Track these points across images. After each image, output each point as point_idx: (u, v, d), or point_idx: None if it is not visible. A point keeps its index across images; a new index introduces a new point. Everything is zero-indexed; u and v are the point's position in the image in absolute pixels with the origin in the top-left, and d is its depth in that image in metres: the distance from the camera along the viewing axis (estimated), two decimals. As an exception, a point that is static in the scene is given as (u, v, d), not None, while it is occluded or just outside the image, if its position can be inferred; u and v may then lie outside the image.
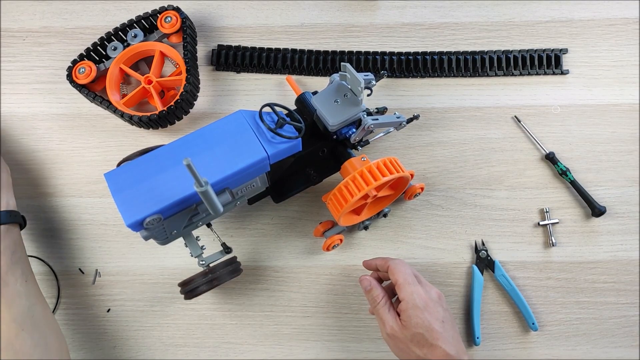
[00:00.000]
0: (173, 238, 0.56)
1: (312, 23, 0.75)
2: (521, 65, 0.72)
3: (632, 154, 0.70)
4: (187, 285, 0.58)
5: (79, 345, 0.66)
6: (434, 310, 0.53)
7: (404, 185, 0.62)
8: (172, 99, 0.69)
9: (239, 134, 0.52)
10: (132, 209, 0.48)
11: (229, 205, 0.57)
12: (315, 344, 0.66)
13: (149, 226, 0.48)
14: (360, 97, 0.57)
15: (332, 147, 0.62)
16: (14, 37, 0.75)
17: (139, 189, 0.49)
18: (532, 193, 0.68)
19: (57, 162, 0.70)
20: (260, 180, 0.57)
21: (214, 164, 0.51)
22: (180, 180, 0.49)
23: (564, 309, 0.66)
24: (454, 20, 0.75)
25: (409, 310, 0.53)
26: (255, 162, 0.51)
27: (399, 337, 0.53)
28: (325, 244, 0.63)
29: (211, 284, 0.57)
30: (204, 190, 0.45)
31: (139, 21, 0.71)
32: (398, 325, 0.53)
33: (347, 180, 0.55)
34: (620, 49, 0.73)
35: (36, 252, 0.68)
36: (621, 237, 0.68)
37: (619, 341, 0.65)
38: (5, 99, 0.73)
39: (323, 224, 0.64)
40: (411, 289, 0.53)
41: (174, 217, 0.51)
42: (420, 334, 0.52)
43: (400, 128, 0.62)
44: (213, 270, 0.58)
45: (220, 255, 0.60)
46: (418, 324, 0.52)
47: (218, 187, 0.51)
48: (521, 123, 0.69)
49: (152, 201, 0.48)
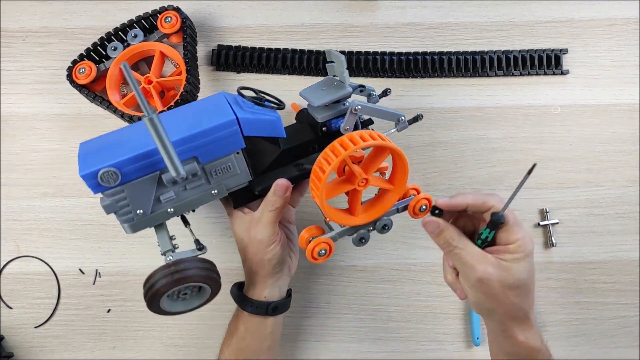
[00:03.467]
0: (142, 224, 0.50)
1: (312, 23, 0.75)
2: (521, 66, 0.72)
3: (632, 154, 0.70)
4: (147, 282, 0.49)
5: (79, 345, 0.66)
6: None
7: (402, 176, 0.53)
8: (172, 99, 0.69)
9: (214, 106, 0.51)
10: (89, 161, 0.47)
11: (202, 192, 0.52)
12: (316, 344, 0.66)
13: (105, 183, 0.46)
14: (346, 83, 0.54)
15: (324, 142, 0.56)
16: (14, 37, 0.75)
17: (102, 149, 0.49)
18: (532, 193, 0.68)
19: (57, 162, 0.70)
20: (238, 163, 0.52)
21: (180, 125, 0.49)
22: (141, 137, 0.47)
23: (564, 309, 0.66)
24: (454, 20, 0.75)
25: (522, 259, 0.45)
26: (222, 124, 0.48)
27: (494, 282, 0.45)
28: (309, 249, 0.51)
29: (172, 277, 0.47)
30: (150, 119, 0.42)
31: (139, 21, 0.71)
32: (499, 268, 0.45)
33: (320, 157, 0.49)
34: (620, 49, 0.73)
35: (36, 252, 0.68)
36: (621, 237, 0.67)
37: (619, 341, 0.65)
38: (5, 99, 0.73)
39: (308, 229, 0.53)
40: (524, 233, 0.46)
41: (136, 185, 0.48)
42: (524, 283, 0.46)
43: (401, 128, 0.57)
44: (177, 263, 0.48)
45: (192, 253, 0.52)
46: (525, 272, 0.45)
47: (184, 150, 0.48)
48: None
49: (110, 155, 0.47)
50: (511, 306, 0.47)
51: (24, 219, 0.69)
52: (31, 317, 0.68)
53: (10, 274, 0.68)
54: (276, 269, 0.56)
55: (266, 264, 0.55)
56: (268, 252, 0.54)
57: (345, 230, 0.54)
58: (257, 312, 0.56)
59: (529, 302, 0.47)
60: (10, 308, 0.68)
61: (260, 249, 0.54)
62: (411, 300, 0.67)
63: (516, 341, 0.48)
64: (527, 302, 0.47)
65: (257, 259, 0.55)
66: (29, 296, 0.68)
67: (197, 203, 0.52)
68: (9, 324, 0.68)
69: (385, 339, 0.67)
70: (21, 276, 0.68)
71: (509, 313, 0.47)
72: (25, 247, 0.69)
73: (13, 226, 0.69)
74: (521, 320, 0.48)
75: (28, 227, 0.69)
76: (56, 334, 0.67)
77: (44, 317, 0.68)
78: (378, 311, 0.67)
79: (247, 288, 0.57)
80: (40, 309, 0.68)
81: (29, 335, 0.67)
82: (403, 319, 0.67)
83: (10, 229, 0.69)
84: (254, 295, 0.56)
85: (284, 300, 0.58)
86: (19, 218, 0.69)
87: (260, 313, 0.56)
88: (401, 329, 0.67)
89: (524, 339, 0.48)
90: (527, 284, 0.46)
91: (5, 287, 0.68)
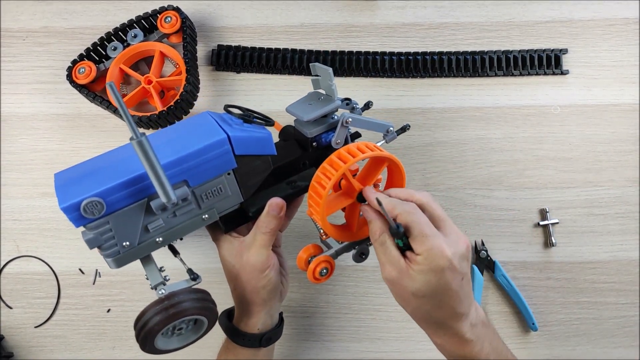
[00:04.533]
0: (128, 256, 0.46)
1: (312, 23, 0.75)
2: (521, 66, 0.72)
3: (632, 154, 0.70)
4: (139, 320, 0.45)
5: (79, 345, 0.66)
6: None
7: (400, 186, 0.53)
8: (172, 99, 0.69)
9: (201, 125, 0.48)
10: (70, 192, 0.42)
11: (192, 217, 0.48)
12: (315, 344, 0.66)
13: (89, 215, 0.42)
14: (334, 96, 0.52)
15: (314, 158, 0.55)
16: (14, 37, 0.75)
17: (82, 177, 0.45)
18: (532, 193, 0.68)
19: (57, 162, 0.70)
20: (229, 185, 0.49)
21: (169, 147, 0.45)
22: (126, 162, 0.44)
23: (564, 309, 0.66)
24: (454, 20, 0.75)
25: (427, 272, 0.43)
26: (213, 143, 0.45)
27: (397, 285, 0.45)
28: (310, 270, 0.50)
29: (166, 312, 0.44)
30: (139, 142, 0.39)
31: (139, 21, 0.71)
32: (403, 274, 0.44)
33: (318, 172, 0.48)
34: (620, 49, 0.73)
35: (36, 252, 0.68)
36: (621, 237, 0.68)
37: (619, 341, 0.65)
38: (5, 99, 0.73)
39: (306, 249, 0.52)
40: (431, 246, 0.43)
41: (123, 214, 0.44)
42: (430, 295, 0.44)
43: (390, 139, 0.56)
44: (170, 297, 0.45)
45: (186, 284, 0.49)
46: (428, 285, 0.43)
47: (173, 174, 0.45)
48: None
49: (92, 183, 0.43)
50: (418, 310, 0.46)
51: (23, 219, 0.69)
52: (31, 317, 0.68)
53: (10, 273, 0.68)
54: (270, 295, 0.52)
55: (260, 291, 0.51)
56: (262, 279, 0.51)
57: (344, 246, 0.53)
58: (250, 344, 0.53)
59: (442, 313, 0.45)
60: (10, 308, 0.68)
61: (254, 276, 0.51)
62: (411, 300, 0.67)
63: (432, 339, 0.48)
64: (439, 312, 0.45)
65: (251, 287, 0.51)
66: (29, 296, 0.68)
67: (188, 230, 0.49)
68: (9, 324, 0.68)
69: (385, 339, 0.67)
70: (21, 276, 0.68)
71: (417, 315, 0.47)
72: (25, 247, 0.69)
73: (13, 226, 0.69)
74: (438, 326, 0.46)
75: (28, 227, 0.69)
76: (56, 334, 0.67)
77: (44, 317, 0.68)
78: (378, 311, 0.67)
79: (239, 319, 0.54)
80: (40, 308, 0.68)
81: (28, 335, 0.67)
82: (403, 319, 0.67)
83: (10, 229, 0.69)
84: (247, 327, 0.53)
85: (277, 329, 0.55)
86: (18, 218, 0.69)
87: (254, 346, 0.53)
88: (401, 329, 0.67)
89: (440, 341, 0.47)
90: (434, 296, 0.43)
91: (5, 287, 0.68)
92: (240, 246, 0.52)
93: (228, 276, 0.54)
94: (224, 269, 0.53)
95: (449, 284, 0.43)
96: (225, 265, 0.53)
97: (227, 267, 0.53)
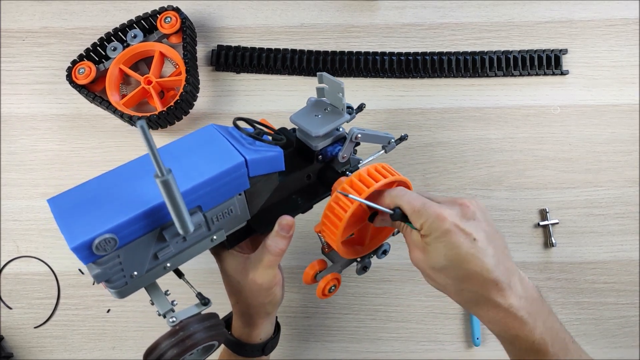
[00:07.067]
0: (134, 286, 0.44)
1: (312, 23, 0.75)
2: (521, 66, 0.72)
3: (632, 155, 0.70)
4: (152, 352, 0.43)
5: (79, 345, 0.66)
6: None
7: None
8: (172, 99, 0.69)
9: (211, 143, 0.45)
10: (78, 228, 0.38)
11: (201, 239, 0.47)
12: (315, 344, 0.66)
13: (101, 252, 0.38)
14: (342, 109, 0.51)
15: (319, 171, 0.54)
16: (14, 38, 0.75)
17: (89, 209, 0.40)
18: (532, 193, 0.68)
19: (57, 162, 0.70)
20: (239, 205, 0.47)
21: (182, 173, 0.42)
22: (140, 193, 0.41)
23: (564, 309, 0.66)
24: (454, 20, 0.75)
25: (435, 240, 0.42)
26: (232, 167, 0.43)
27: (422, 265, 0.44)
28: (319, 288, 0.51)
29: (183, 344, 0.42)
30: (164, 180, 0.35)
31: (139, 21, 0.71)
32: (423, 252, 0.43)
33: (336, 195, 0.46)
34: (620, 50, 0.73)
35: (36, 252, 0.68)
36: (621, 237, 0.67)
37: (619, 341, 0.65)
38: (5, 99, 0.73)
39: (312, 265, 0.52)
40: (428, 216, 0.42)
41: (134, 245, 0.41)
42: (449, 265, 0.42)
43: (389, 150, 0.56)
44: (185, 327, 0.43)
45: (197, 309, 0.47)
46: (440, 254, 0.42)
47: (188, 201, 0.42)
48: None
49: (102, 216, 0.39)
50: (450, 288, 0.43)
51: (23, 219, 0.69)
52: (31, 317, 0.68)
53: (10, 274, 0.68)
54: (275, 308, 0.53)
55: (267, 306, 0.51)
56: (268, 296, 0.50)
57: (349, 260, 0.53)
58: (252, 355, 0.53)
59: (472, 284, 0.41)
60: (10, 308, 0.68)
61: (260, 294, 0.50)
62: (411, 300, 0.67)
63: (482, 322, 0.44)
64: (468, 283, 0.41)
65: (256, 303, 0.51)
66: (28, 296, 0.68)
67: (196, 253, 0.47)
68: (8, 324, 0.67)
69: (385, 339, 0.67)
70: (21, 276, 0.68)
71: (453, 294, 0.44)
72: (25, 247, 0.69)
73: (13, 226, 0.69)
74: (477, 301, 0.42)
75: (28, 227, 0.69)
76: (56, 334, 0.67)
77: (44, 317, 0.68)
78: (378, 311, 0.67)
79: (241, 330, 0.53)
80: (40, 309, 0.68)
81: (28, 336, 0.67)
82: (403, 319, 0.67)
83: (10, 229, 0.69)
84: (250, 338, 0.52)
85: (275, 336, 0.55)
86: (18, 218, 0.69)
87: (256, 355, 0.53)
88: (401, 329, 0.67)
89: (485, 320, 0.43)
90: (452, 265, 0.41)
91: (5, 287, 0.68)
92: (245, 263, 0.50)
93: (230, 290, 0.52)
94: (226, 283, 0.52)
95: (459, 247, 0.40)
96: (229, 281, 0.51)
97: (230, 282, 0.51)
